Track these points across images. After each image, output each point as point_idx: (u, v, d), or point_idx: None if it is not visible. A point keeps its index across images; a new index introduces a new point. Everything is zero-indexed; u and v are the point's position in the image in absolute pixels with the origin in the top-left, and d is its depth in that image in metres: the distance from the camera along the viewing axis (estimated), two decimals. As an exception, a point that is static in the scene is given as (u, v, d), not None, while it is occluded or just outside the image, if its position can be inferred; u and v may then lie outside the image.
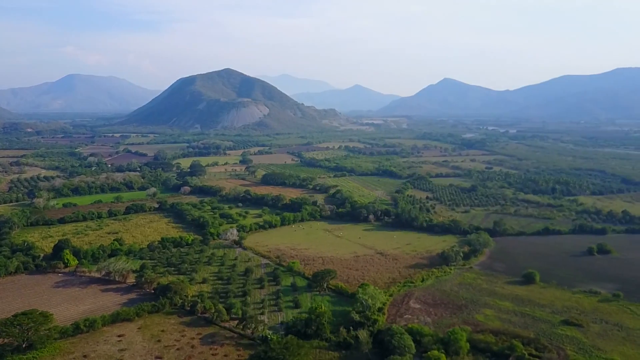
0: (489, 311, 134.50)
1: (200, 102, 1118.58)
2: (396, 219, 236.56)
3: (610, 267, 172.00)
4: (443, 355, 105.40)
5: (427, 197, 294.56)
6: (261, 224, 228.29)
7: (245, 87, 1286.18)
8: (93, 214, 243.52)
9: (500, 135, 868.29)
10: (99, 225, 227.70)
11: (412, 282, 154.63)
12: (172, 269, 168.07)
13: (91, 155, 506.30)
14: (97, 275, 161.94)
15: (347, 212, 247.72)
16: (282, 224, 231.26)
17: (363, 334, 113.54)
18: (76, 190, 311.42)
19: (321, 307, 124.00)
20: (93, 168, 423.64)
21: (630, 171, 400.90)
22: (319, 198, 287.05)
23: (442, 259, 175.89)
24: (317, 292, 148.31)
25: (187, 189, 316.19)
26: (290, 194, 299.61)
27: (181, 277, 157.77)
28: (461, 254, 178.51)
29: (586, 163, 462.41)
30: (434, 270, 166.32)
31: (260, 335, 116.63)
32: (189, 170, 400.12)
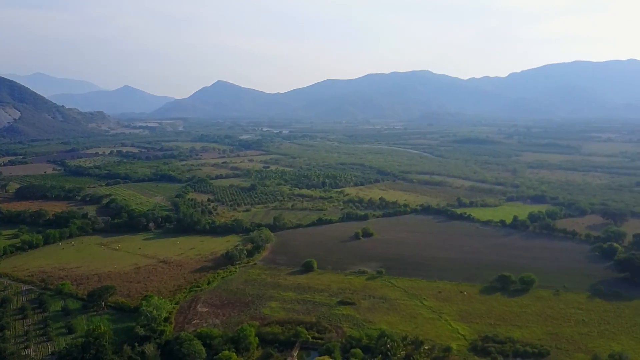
0: (274, 303, 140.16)
1: None
2: (178, 224, 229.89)
3: (374, 248, 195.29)
4: (233, 354, 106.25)
5: (208, 199, 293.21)
6: (18, 245, 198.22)
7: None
8: None
9: (274, 135, 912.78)
10: None
11: (198, 287, 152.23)
12: None
13: None
14: None
15: (124, 222, 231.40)
16: (46, 243, 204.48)
17: (150, 348, 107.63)
18: None
19: (100, 328, 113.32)
20: None
21: (383, 163, 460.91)
22: (90, 210, 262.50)
23: (227, 259, 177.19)
24: (95, 313, 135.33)
25: None
26: (54, 207, 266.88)
27: None
28: (245, 252, 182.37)
29: (349, 158, 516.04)
30: (220, 271, 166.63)
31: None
32: None
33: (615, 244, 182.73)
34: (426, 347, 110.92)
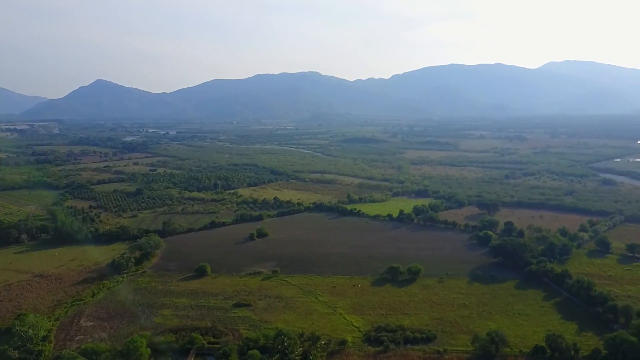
0: (166, 311, 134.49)
1: None
2: (57, 235, 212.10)
3: (268, 248, 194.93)
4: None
5: (90, 206, 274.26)
6: None
7: None
8: None
9: (161, 137, 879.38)
10: None
11: (81, 300, 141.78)
12: None
13: None
14: None
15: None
16: None
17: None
18: None
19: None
20: None
21: (277, 163, 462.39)
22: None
23: (114, 269, 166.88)
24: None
25: None
26: None
27: None
28: (133, 260, 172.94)
29: (241, 159, 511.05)
30: (105, 282, 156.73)
31: None
32: None
33: (489, 232, 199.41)
34: (323, 342, 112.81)
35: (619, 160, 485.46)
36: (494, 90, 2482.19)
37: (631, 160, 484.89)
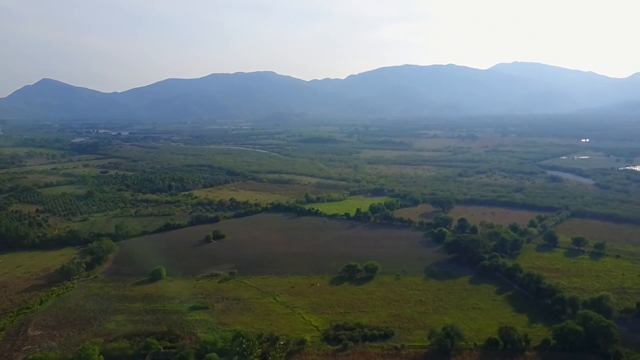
0: (120, 317, 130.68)
1: None
2: (0, 241, 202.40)
3: (225, 250, 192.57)
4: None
5: (37, 210, 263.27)
6: None
7: None
8: None
9: (112, 138, 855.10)
10: None
11: (28, 308, 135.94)
12: None
13: None
14: None
15: None
16: None
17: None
18: None
19: None
20: None
21: (233, 164, 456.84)
22: None
23: (63, 275, 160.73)
24: None
25: None
26: None
27: None
28: (84, 265, 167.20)
29: (196, 160, 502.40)
30: (54, 288, 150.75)
31: None
32: None
33: (444, 229, 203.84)
34: (281, 343, 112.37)
35: (564, 157, 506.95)
36: (446, 90, 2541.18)
37: (576, 157, 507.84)
